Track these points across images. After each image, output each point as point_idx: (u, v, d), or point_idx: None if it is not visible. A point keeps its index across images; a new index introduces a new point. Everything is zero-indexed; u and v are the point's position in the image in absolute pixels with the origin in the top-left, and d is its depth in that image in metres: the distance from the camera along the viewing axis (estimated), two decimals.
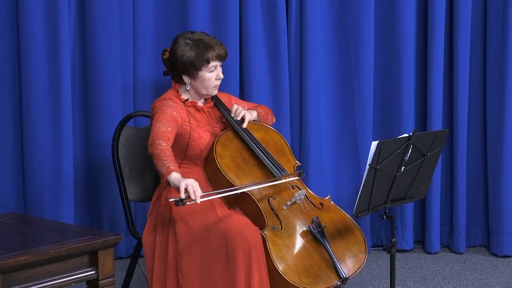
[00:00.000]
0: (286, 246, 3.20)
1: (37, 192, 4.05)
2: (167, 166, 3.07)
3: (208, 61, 3.36)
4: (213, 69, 3.39)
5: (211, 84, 3.41)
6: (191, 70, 3.37)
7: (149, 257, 3.32)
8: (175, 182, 3.03)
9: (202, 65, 3.36)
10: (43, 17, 3.96)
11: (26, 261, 2.57)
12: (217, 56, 3.38)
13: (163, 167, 3.08)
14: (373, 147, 3.07)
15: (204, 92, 3.43)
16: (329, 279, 3.17)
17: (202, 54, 3.35)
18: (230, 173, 3.31)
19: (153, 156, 3.14)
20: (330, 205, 3.45)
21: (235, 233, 3.11)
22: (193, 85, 3.42)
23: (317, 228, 3.25)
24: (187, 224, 3.22)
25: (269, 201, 3.30)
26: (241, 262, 3.08)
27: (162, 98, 3.41)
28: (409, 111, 4.55)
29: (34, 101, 4.00)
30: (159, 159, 3.11)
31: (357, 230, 3.40)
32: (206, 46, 3.36)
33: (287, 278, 3.10)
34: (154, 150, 3.14)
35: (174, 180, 3.04)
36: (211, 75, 3.40)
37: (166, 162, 3.09)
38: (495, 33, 4.52)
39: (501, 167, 4.53)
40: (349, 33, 4.47)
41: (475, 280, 4.17)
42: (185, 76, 3.41)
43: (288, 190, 3.38)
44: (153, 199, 3.44)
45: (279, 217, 3.26)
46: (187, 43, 3.38)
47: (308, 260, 3.20)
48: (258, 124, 3.56)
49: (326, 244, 3.22)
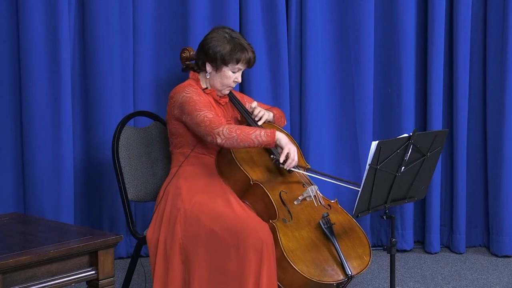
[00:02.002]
0: (296, 238, 3.23)
1: (37, 192, 4.05)
2: (263, 133, 3.27)
3: (238, 61, 3.44)
4: (237, 70, 3.47)
5: (228, 83, 3.48)
6: (219, 62, 3.43)
7: (153, 255, 3.33)
8: (283, 143, 3.29)
9: (231, 62, 3.44)
10: (43, 17, 3.97)
11: (26, 261, 2.57)
12: (247, 61, 3.47)
13: (261, 137, 3.25)
14: (373, 147, 3.07)
15: (219, 87, 3.49)
16: (336, 274, 3.20)
17: (235, 52, 3.43)
18: (245, 165, 3.36)
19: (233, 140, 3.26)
20: (337, 208, 3.51)
21: (247, 229, 3.13)
22: (212, 76, 3.48)
23: (326, 224, 3.30)
24: (197, 215, 3.24)
25: (280, 195, 3.34)
26: (252, 259, 3.09)
27: (182, 86, 3.47)
28: (409, 111, 4.55)
29: (34, 101, 4.00)
30: (248, 135, 3.26)
31: (362, 234, 3.44)
32: (241, 47, 3.45)
33: (296, 267, 3.13)
34: (231, 134, 3.26)
35: (282, 140, 3.28)
36: (232, 75, 3.48)
37: (258, 132, 3.28)
38: (495, 33, 4.53)
39: (501, 167, 4.53)
40: (349, 33, 4.47)
41: (475, 280, 4.17)
42: (209, 65, 3.47)
43: (300, 186, 3.45)
44: (158, 197, 3.45)
45: (289, 211, 3.31)
46: (225, 36, 3.46)
47: (316, 253, 3.23)
48: (271, 125, 3.64)
49: (334, 241, 3.26)
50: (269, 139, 3.27)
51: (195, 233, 3.22)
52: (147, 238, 3.37)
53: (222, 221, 3.19)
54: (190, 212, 3.26)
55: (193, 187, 3.35)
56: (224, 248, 3.15)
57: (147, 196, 3.66)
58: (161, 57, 4.24)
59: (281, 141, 3.29)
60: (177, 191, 3.35)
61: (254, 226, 3.15)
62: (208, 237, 3.19)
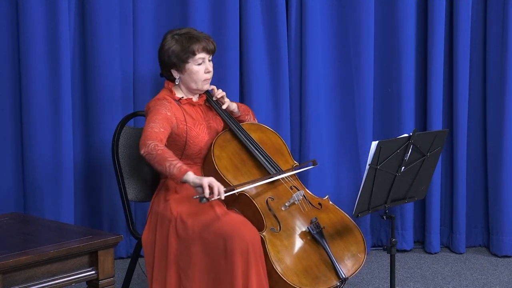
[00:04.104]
0: (285, 247, 3.20)
1: (37, 192, 4.05)
2: (178, 166, 3.09)
3: (194, 53, 3.36)
4: (200, 61, 3.39)
5: (200, 77, 3.40)
6: (178, 63, 3.38)
7: (149, 257, 3.32)
8: (196, 181, 3.07)
9: (188, 57, 3.37)
10: (43, 17, 3.97)
11: (26, 261, 2.57)
12: (203, 48, 3.38)
13: (173, 168, 3.09)
14: (373, 147, 3.07)
15: (194, 86, 3.42)
16: (329, 280, 3.17)
17: (187, 46, 3.36)
18: (228, 174, 3.31)
19: (152, 157, 3.14)
20: (328, 205, 3.45)
21: (233, 233, 3.10)
22: (183, 79, 3.42)
23: (316, 229, 3.25)
24: (186, 225, 3.22)
25: (267, 202, 3.29)
26: (239, 262, 3.07)
27: (156, 99, 3.40)
28: (409, 111, 4.55)
29: (34, 101, 4.00)
30: (164, 160, 3.11)
31: (356, 230, 3.39)
32: (191, 39, 3.38)
33: (286, 279, 3.10)
34: (153, 151, 3.14)
35: (194, 179, 3.07)
36: (199, 68, 3.39)
37: (175, 163, 3.10)
38: (495, 33, 4.52)
39: (501, 167, 4.53)
40: (349, 33, 4.47)
41: (475, 280, 4.17)
42: (173, 71, 3.42)
43: (287, 191, 3.38)
44: (152, 200, 3.45)
45: (277, 218, 3.26)
46: (173, 37, 3.40)
47: (307, 261, 3.20)
48: (256, 124, 3.57)
49: (325, 245, 3.22)
50: (178, 174, 3.08)
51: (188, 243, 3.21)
52: (142, 240, 3.36)
53: (210, 227, 3.17)
54: (180, 222, 3.24)
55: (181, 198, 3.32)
56: (214, 252, 3.14)
57: (147, 196, 3.65)
58: None
59: (194, 180, 3.07)
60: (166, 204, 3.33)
61: (239, 229, 3.12)
62: (199, 243, 3.18)
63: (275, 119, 4.35)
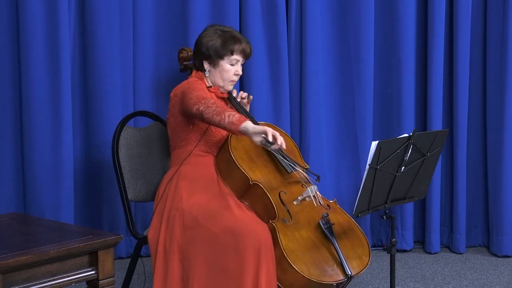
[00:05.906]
0: (295, 238, 3.23)
1: (37, 192, 4.04)
2: (238, 116, 3.14)
3: (232, 52, 3.45)
4: (234, 62, 3.47)
5: (229, 77, 3.48)
6: (214, 57, 3.45)
7: (154, 255, 3.32)
8: (257, 128, 3.10)
9: (225, 54, 3.44)
10: (43, 17, 3.96)
11: (26, 261, 2.57)
12: (241, 51, 3.47)
13: (232, 117, 3.13)
14: (373, 147, 3.07)
15: (220, 83, 3.49)
16: (335, 275, 3.20)
17: (228, 44, 3.44)
18: (243, 164, 3.36)
19: (210, 110, 3.18)
20: (336, 208, 3.50)
21: (246, 230, 3.12)
22: (212, 73, 3.49)
23: (326, 224, 3.30)
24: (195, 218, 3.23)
25: (280, 196, 3.33)
26: (251, 259, 3.09)
27: (188, 81, 3.47)
28: (409, 111, 4.55)
29: (34, 101, 3.99)
30: (224, 111, 3.16)
31: (361, 234, 3.43)
32: (233, 38, 3.46)
33: (296, 267, 3.13)
34: (212, 105, 3.19)
35: (254, 126, 3.11)
36: (231, 68, 3.47)
37: (235, 113, 3.15)
38: (495, 33, 4.53)
39: (501, 167, 4.53)
40: (349, 33, 4.47)
41: (475, 280, 4.17)
42: (206, 63, 3.48)
43: (299, 186, 3.44)
44: (158, 195, 3.45)
45: (289, 211, 3.31)
46: (215, 32, 3.47)
47: (316, 253, 3.23)
48: (271, 125, 3.62)
49: (334, 240, 3.26)
50: (237, 122, 3.13)
51: (193, 233, 3.22)
52: (148, 238, 3.37)
53: (220, 222, 3.18)
54: (189, 213, 3.25)
55: (192, 188, 3.35)
56: (222, 248, 3.14)
57: (147, 196, 3.66)
58: (161, 57, 4.24)
59: (255, 127, 3.11)
60: (177, 191, 3.35)
61: (252, 226, 3.15)
62: (207, 237, 3.18)
63: (275, 119, 4.35)
